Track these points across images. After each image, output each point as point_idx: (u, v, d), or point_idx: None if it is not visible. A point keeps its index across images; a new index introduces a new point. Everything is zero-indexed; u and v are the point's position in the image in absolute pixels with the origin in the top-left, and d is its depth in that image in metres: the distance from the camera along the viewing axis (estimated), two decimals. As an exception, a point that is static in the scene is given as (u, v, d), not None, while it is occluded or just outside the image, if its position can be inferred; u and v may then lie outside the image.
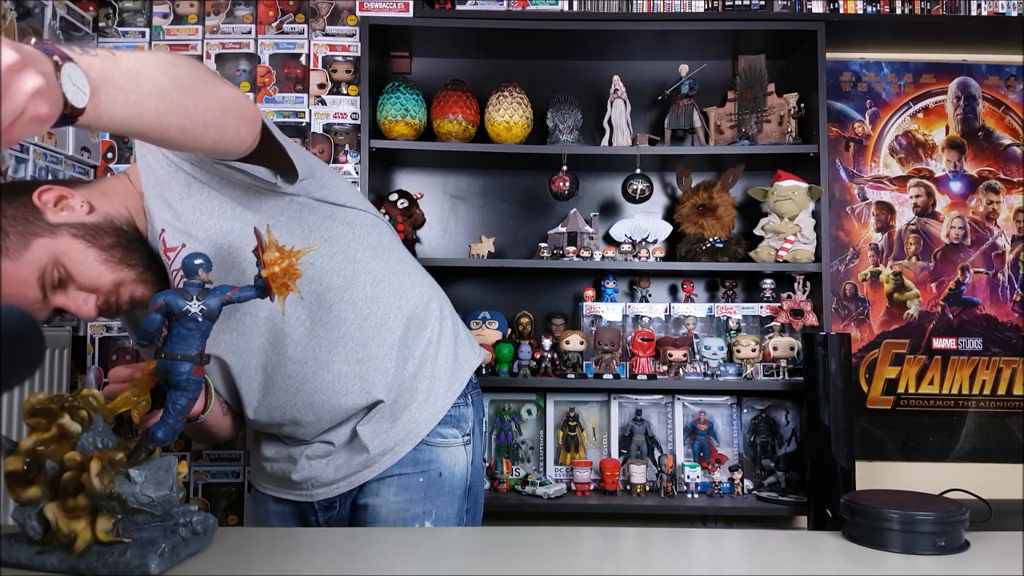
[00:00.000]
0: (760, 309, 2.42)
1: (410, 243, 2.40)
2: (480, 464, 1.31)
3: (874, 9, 2.40)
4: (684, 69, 2.39)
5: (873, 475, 2.49)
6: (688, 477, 2.29)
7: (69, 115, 0.64)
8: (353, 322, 1.16)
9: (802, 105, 2.40)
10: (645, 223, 2.44)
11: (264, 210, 1.09)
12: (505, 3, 2.40)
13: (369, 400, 1.18)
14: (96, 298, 1.02)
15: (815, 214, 2.36)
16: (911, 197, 2.60)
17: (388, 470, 1.20)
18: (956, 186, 2.60)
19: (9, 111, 0.57)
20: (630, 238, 2.41)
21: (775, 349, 2.31)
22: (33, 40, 0.65)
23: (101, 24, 2.52)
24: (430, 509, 1.21)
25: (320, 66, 2.53)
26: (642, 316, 2.42)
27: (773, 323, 2.36)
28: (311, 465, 1.21)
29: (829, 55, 2.41)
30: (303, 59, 2.54)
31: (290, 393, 1.16)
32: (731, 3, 2.40)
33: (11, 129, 0.58)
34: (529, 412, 2.46)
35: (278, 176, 1.06)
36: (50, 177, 2.12)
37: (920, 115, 2.62)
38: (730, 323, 2.42)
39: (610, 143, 2.39)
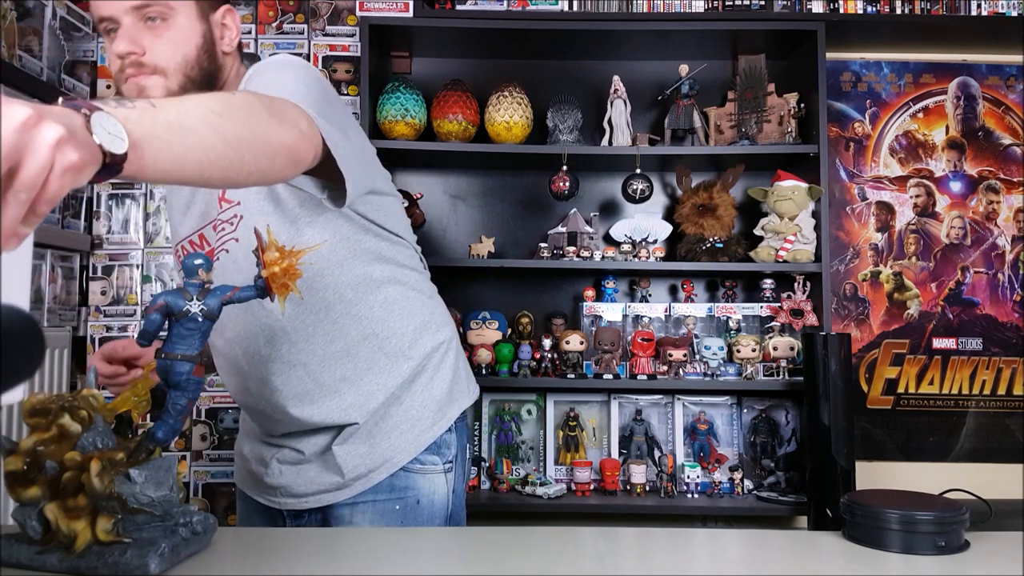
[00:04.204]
0: (760, 309, 2.42)
1: (410, 243, 2.40)
2: (462, 492, 1.25)
3: (874, 9, 2.40)
4: (684, 69, 2.39)
5: (873, 475, 2.49)
6: (688, 477, 2.29)
7: (111, 163, 0.63)
8: (354, 339, 1.15)
9: (802, 105, 2.40)
10: (645, 223, 2.44)
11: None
12: (505, 3, 2.40)
13: (344, 420, 1.15)
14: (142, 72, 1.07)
15: (815, 214, 2.36)
16: (911, 197, 2.60)
17: (361, 495, 1.16)
18: (956, 186, 2.60)
19: (36, 166, 0.55)
20: (630, 238, 2.41)
21: (775, 349, 2.31)
22: (60, 100, 0.64)
23: (101, 24, 2.51)
24: None
25: (320, 66, 2.53)
26: (642, 316, 2.42)
27: (773, 323, 2.36)
28: (281, 471, 1.18)
29: (829, 55, 2.41)
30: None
31: (268, 389, 1.15)
32: (731, 3, 2.40)
33: (47, 185, 0.56)
34: (529, 412, 2.46)
35: (326, 192, 1.04)
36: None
37: (920, 115, 2.62)
38: (730, 323, 2.42)
39: (610, 143, 2.39)
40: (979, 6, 2.40)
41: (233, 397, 1.25)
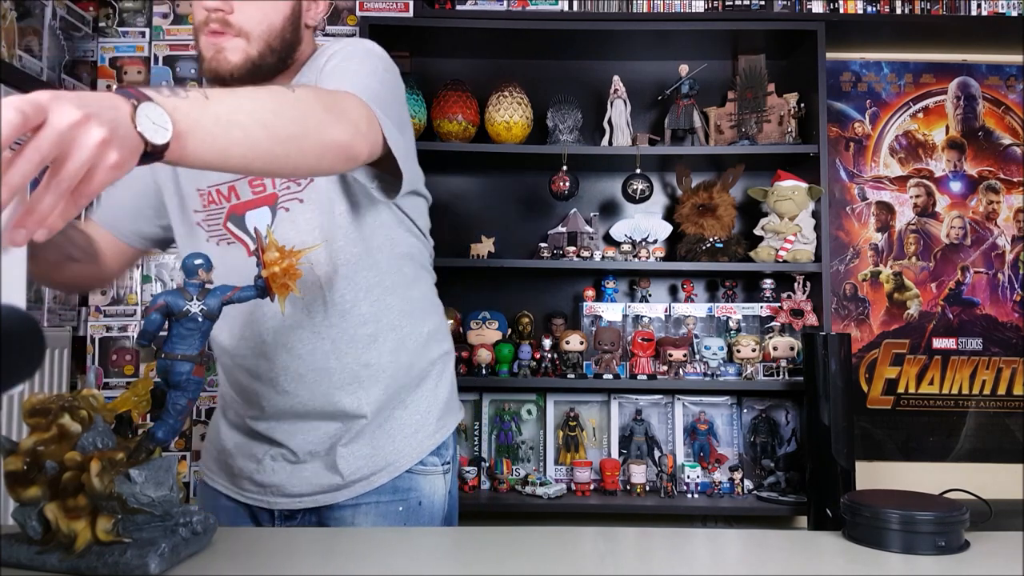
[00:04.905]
0: (760, 309, 2.42)
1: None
2: (456, 494, 1.27)
3: (874, 9, 2.40)
4: (684, 69, 2.39)
5: (873, 475, 2.49)
6: (688, 477, 2.29)
7: (151, 152, 0.66)
8: (382, 328, 1.14)
9: (802, 105, 2.40)
10: (645, 223, 2.44)
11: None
12: (505, 3, 2.40)
13: (355, 410, 1.13)
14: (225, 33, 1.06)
15: (815, 214, 2.36)
16: (911, 197, 2.60)
17: (363, 496, 1.15)
18: (956, 186, 2.60)
19: (79, 161, 0.60)
20: (630, 238, 2.41)
21: (775, 349, 2.31)
22: (115, 86, 0.67)
23: (101, 24, 2.52)
24: None
25: (320, 66, 2.53)
26: (642, 316, 2.42)
27: (773, 323, 2.36)
28: (274, 469, 1.15)
29: (829, 55, 2.41)
30: (303, 59, 2.53)
31: (291, 355, 1.11)
32: (731, 3, 2.40)
33: (90, 180, 0.61)
34: (529, 412, 2.46)
35: (375, 183, 1.04)
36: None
37: (920, 115, 2.62)
38: (730, 323, 2.42)
39: (610, 143, 2.39)
40: (979, 6, 2.40)
41: (234, 369, 1.17)
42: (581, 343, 2.30)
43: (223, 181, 1.13)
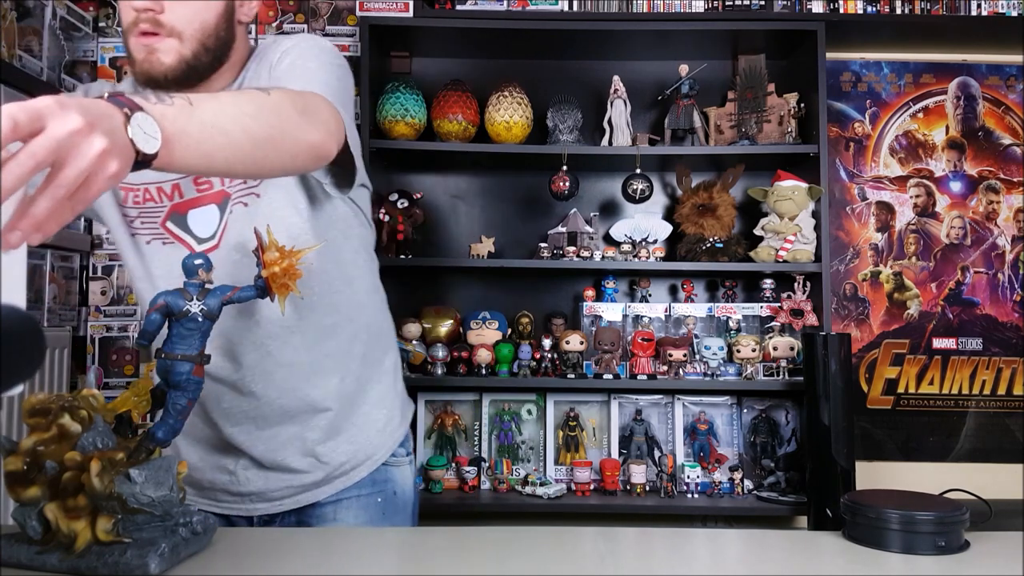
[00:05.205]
0: (760, 309, 2.42)
1: (410, 243, 2.40)
2: (416, 480, 1.31)
3: (874, 9, 2.40)
4: (684, 69, 2.39)
5: (873, 475, 2.49)
6: (688, 477, 2.29)
7: (141, 161, 0.67)
8: (343, 318, 1.16)
9: (802, 105, 2.40)
10: (645, 223, 2.44)
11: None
12: (505, 3, 2.40)
13: (322, 399, 1.13)
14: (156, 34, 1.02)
15: (815, 214, 2.36)
16: (911, 197, 2.60)
17: (344, 492, 1.17)
18: (956, 186, 2.60)
19: (78, 169, 0.60)
20: (630, 238, 2.41)
21: (775, 349, 2.31)
22: (107, 93, 0.68)
23: (101, 24, 2.52)
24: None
25: (320, 66, 2.53)
26: (642, 316, 2.42)
27: (773, 323, 2.36)
28: (248, 479, 1.14)
29: (829, 55, 2.41)
30: (303, 59, 2.53)
31: (256, 351, 1.10)
32: (731, 3, 2.40)
33: (88, 188, 0.62)
34: (529, 412, 2.46)
35: (329, 177, 1.05)
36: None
37: (920, 115, 2.62)
38: (730, 323, 2.42)
39: (610, 143, 2.39)
40: (979, 6, 2.40)
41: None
42: (581, 343, 2.30)
43: (166, 179, 1.09)
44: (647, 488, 2.29)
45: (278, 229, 1.05)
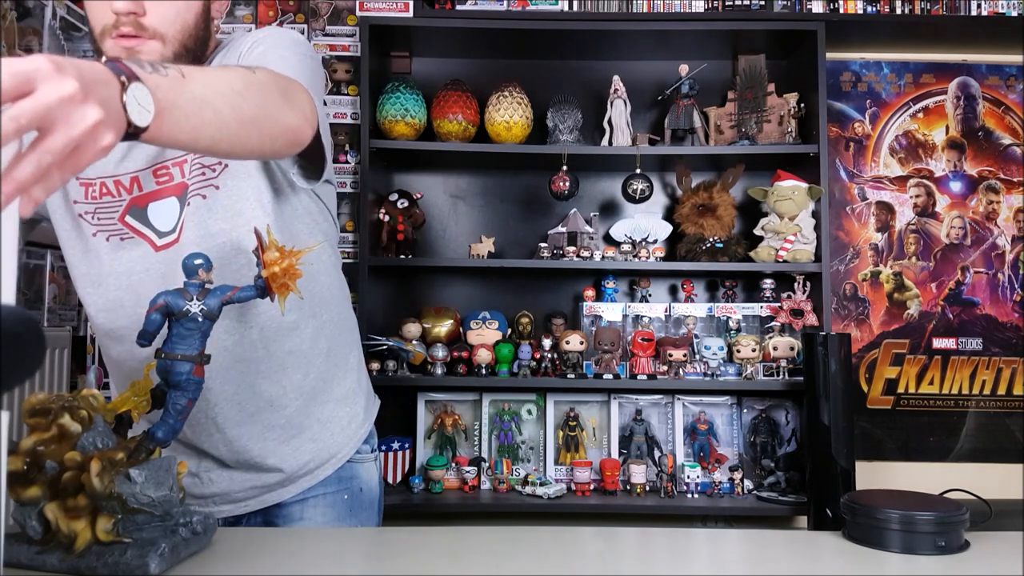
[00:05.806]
0: (760, 309, 2.42)
1: (410, 243, 2.40)
2: (382, 476, 1.31)
3: (874, 9, 2.40)
4: (684, 69, 2.39)
5: (873, 475, 2.49)
6: (688, 477, 2.29)
7: (132, 133, 0.66)
8: (305, 314, 1.13)
9: (802, 105, 2.40)
10: (645, 223, 2.44)
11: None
12: (505, 3, 2.40)
13: (280, 396, 1.11)
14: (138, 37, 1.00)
15: (815, 214, 2.36)
16: (911, 197, 2.60)
17: (309, 490, 1.16)
18: (956, 186, 2.60)
19: (67, 137, 0.58)
20: (630, 238, 2.41)
21: (775, 349, 2.31)
22: (104, 58, 0.66)
23: (101, 24, 2.51)
24: (355, 525, 1.19)
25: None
26: (642, 316, 2.42)
27: (773, 323, 2.36)
28: (212, 480, 1.12)
29: (829, 55, 2.42)
30: (303, 59, 2.53)
31: (211, 346, 1.06)
32: (731, 3, 2.40)
33: (77, 158, 0.60)
34: (529, 412, 2.46)
35: (296, 168, 1.04)
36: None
37: (920, 115, 2.62)
38: (730, 323, 2.42)
39: (610, 143, 2.39)
40: (979, 6, 2.40)
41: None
42: (581, 343, 2.30)
43: (124, 172, 1.06)
44: (647, 488, 2.29)
45: (240, 223, 1.05)
